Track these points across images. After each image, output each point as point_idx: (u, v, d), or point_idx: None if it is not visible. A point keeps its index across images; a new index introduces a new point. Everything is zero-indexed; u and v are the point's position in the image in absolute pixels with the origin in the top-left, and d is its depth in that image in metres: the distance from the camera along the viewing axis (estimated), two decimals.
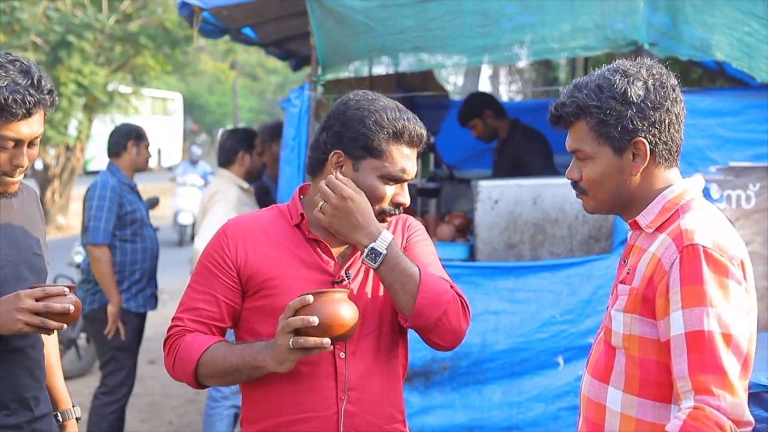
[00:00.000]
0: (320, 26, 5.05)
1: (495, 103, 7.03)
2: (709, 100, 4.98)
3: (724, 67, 7.81)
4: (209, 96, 45.65)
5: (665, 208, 2.43)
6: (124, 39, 18.02)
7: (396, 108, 2.65)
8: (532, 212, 5.32)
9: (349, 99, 2.70)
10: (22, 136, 2.62)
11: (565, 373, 4.97)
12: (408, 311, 2.59)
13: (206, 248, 2.75)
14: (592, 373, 2.53)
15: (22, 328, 2.60)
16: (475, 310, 4.95)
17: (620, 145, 2.41)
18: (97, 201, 5.79)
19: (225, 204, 5.71)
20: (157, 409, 7.38)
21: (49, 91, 2.63)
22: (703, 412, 2.18)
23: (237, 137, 6.10)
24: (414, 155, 2.68)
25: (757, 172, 4.97)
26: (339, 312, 2.44)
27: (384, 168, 2.62)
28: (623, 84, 2.39)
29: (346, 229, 2.58)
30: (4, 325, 2.60)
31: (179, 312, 2.72)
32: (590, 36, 4.89)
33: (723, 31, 4.84)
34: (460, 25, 4.99)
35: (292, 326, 2.42)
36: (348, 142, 2.63)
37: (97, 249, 5.75)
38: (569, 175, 2.54)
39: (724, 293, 2.24)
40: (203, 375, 2.64)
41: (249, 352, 2.56)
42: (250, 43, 8.39)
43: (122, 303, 5.85)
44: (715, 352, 2.20)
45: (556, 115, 2.52)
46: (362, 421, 2.65)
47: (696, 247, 2.27)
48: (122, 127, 6.23)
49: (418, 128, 2.66)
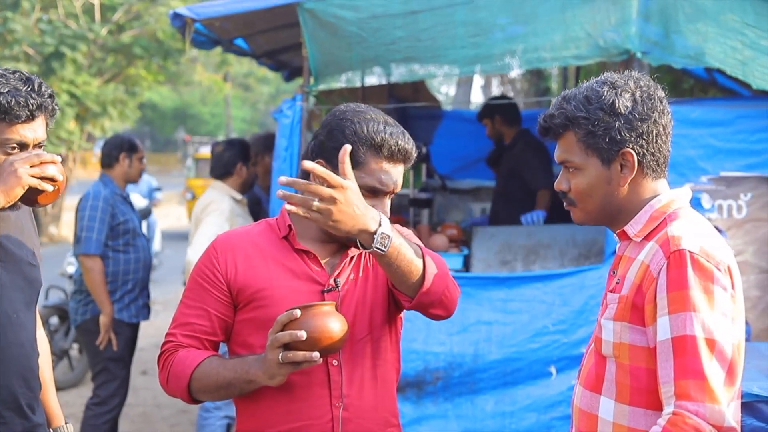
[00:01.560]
0: (312, 37, 5.06)
1: (509, 111, 7.15)
2: (701, 111, 5.00)
3: (715, 77, 7.85)
4: (202, 107, 45.67)
5: (653, 217, 2.44)
6: (116, 50, 18.04)
7: (383, 122, 2.62)
8: (526, 241, 5.59)
9: (338, 110, 2.70)
10: (26, 139, 2.69)
11: (558, 383, 4.97)
12: (415, 290, 2.54)
13: (197, 264, 2.75)
14: (584, 384, 2.54)
15: (26, 182, 2.63)
16: (467, 321, 5.01)
17: (608, 156, 2.43)
18: (90, 212, 5.79)
19: (218, 215, 5.70)
20: (149, 420, 7.36)
21: (50, 96, 2.70)
22: (682, 417, 2.19)
23: (235, 149, 6.09)
24: (396, 169, 2.64)
25: (749, 182, 4.98)
26: (327, 325, 2.43)
27: (361, 179, 2.56)
28: (611, 95, 2.41)
29: (351, 220, 2.36)
30: (7, 189, 2.63)
31: (172, 327, 2.73)
32: (582, 45, 4.90)
33: (716, 40, 4.85)
34: (451, 36, 5.01)
35: (280, 341, 2.42)
36: (329, 152, 2.60)
37: (89, 259, 5.75)
38: (558, 187, 2.54)
39: (708, 299, 2.25)
40: (197, 390, 2.64)
41: (241, 367, 2.56)
42: (243, 54, 8.40)
43: (115, 313, 5.83)
44: (697, 357, 2.21)
45: (545, 126, 2.53)
46: (358, 426, 2.65)
47: (683, 252, 2.28)
48: (115, 139, 6.23)
49: (402, 143, 2.61)
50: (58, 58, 16.21)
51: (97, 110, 17.65)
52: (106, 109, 18.09)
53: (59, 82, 16.40)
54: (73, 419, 7.39)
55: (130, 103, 20.14)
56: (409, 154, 2.64)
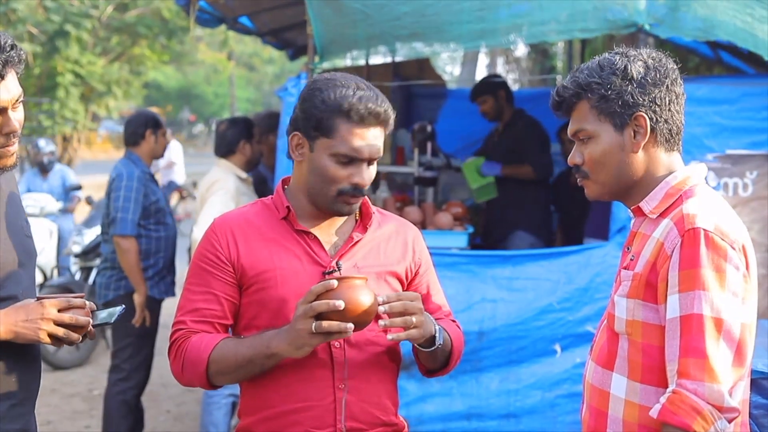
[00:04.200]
0: (317, 15, 5.03)
1: (509, 89, 7.14)
2: (706, 89, 4.98)
3: (721, 55, 7.82)
4: (206, 86, 45.65)
5: (668, 194, 2.43)
6: (121, 29, 18.01)
7: (354, 87, 2.58)
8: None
9: (311, 80, 2.69)
10: (3, 103, 2.49)
11: (563, 361, 4.98)
12: (435, 370, 2.82)
13: (197, 250, 2.71)
14: (596, 360, 2.53)
15: (44, 339, 2.54)
16: (472, 299, 5.01)
17: (621, 121, 2.42)
18: (125, 192, 5.78)
19: (223, 194, 5.70)
20: (155, 399, 7.39)
21: (11, 47, 2.48)
22: (680, 396, 2.20)
23: (239, 127, 6.08)
24: (371, 133, 2.59)
25: (754, 160, 4.97)
26: (360, 297, 2.42)
27: (334, 147, 2.56)
28: (624, 62, 2.41)
29: (428, 325, 2.59)
30: (24, 333, 2.53)
31: (180, 315, 2.67)
32: (589, 18, 4.83)
33: (726, 13, 4.79)
34: (456, 11, 4.97)
35: (316, 310, 2.39)
36: (303, 123, 2.61)
37: (125, 240, 5.75)
38: (571, 161, 2.53)
39: (719, 278, 2.25)
40: (215, 373, 2.59)
41: (260, 342, 2.53)
42: (247, 33, 8.38)
43: (147, 291, 5.88)
44: (701, 336, 2.21)
45: (558, 100, 2.51)
46: (360, 410, 2.64)
47: (697, 230, 2.27)
48: (138, 116, 6.22)
49: (372, 105, 2.56)
50: (63, 37, 16.17)
51: (101, 90, 17.65)
52: (110, 89, 18.09)
53: (64, 62, 16.38)
54: (79, 398, 7.47)
55: (135, 83, 20.14)
56: (382, 115, 2.58)
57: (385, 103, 2.60)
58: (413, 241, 2.83)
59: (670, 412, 2.20)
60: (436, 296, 2.88)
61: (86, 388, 7.77)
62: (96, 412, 6.86)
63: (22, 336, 2.53)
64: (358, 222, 2.75)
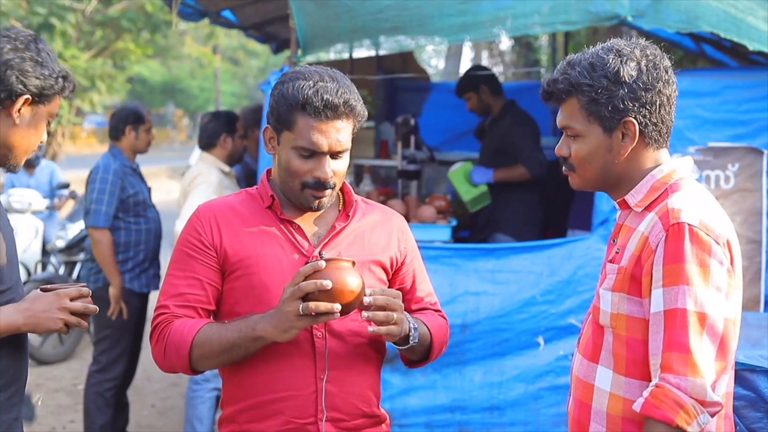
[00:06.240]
0: (299, 8, 5.01)
1: (493, 81, 6.89)
2: (688, 81, 4.97)
3: (704, 48, 7.83)
4: (191, 80, 45.47)
5: (654, 187, 2.43)
6: (104, 23, 17.93)
7: (316, 80, 2.56)
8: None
9: (281, 74, 2.71)
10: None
11: (546, 353, 4.98)
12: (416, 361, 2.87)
13: (181, 236, 2.71)
14: (582, 353, 2.55)
15: (61, 328, 2.62)
16: (455, 291, 5.01)
17: (610, 125, 2.42)
18: (99, 184, 5.83)
19: (206, 187, 5.71)
20: (140, 393, 7.37)
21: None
22: (663, 390, 2.21)
23: (219, 120, 6.11)
24: (332, 126, 2.57)
25: (736, 153, 4.98)
26: (347, 279, 2.42)
27: (295, 140, 2.57)
28: (616, 63, 2.39)
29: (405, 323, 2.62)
30: (44, 323, 2.60)
31: (163, 300, 2.67)
32: (572, 11, 4.82)
33: (708, 4, 4.79)
34: (438, 4, 4.96)
35: (303, 291, 2.40)
36: (270, 117, 2.64)
37: (97, 232, 5.79)
38: (558, 152, 2.54)
39: (703, 272, 2.25)
40: (198, 357, 2.58)
41: (245, 325, 2.52)
42: (230, 26, 8.36)
43: (125, 283, 5.89)
44: (684, 330, 2.22)
45: (548, 91, 2.51)
46: (341, 401, 2.65)
47: (682, 225, 2.28)
48: (121, 111, 6.23)
49: (328, 97, 2.53)
50: (47, 30, 16.10)
51: (85, 84, 17.56)
52: (94, 84, 18.00)
53: None
54: (63, 393, 7.45)
55: (119, 78, 20.05)
56: (340, 107, 2.55)
57: (346, 94, 2.57)
58: (399, 230, 2.84)
59: (653, 406, 2.21)
60: (423, 284, 2.90)
61: (70, 383, 7.75)
62: (80, 407, 6.84)
63: (43, 326, 2.61)
64: (341, 211, 2.76)
